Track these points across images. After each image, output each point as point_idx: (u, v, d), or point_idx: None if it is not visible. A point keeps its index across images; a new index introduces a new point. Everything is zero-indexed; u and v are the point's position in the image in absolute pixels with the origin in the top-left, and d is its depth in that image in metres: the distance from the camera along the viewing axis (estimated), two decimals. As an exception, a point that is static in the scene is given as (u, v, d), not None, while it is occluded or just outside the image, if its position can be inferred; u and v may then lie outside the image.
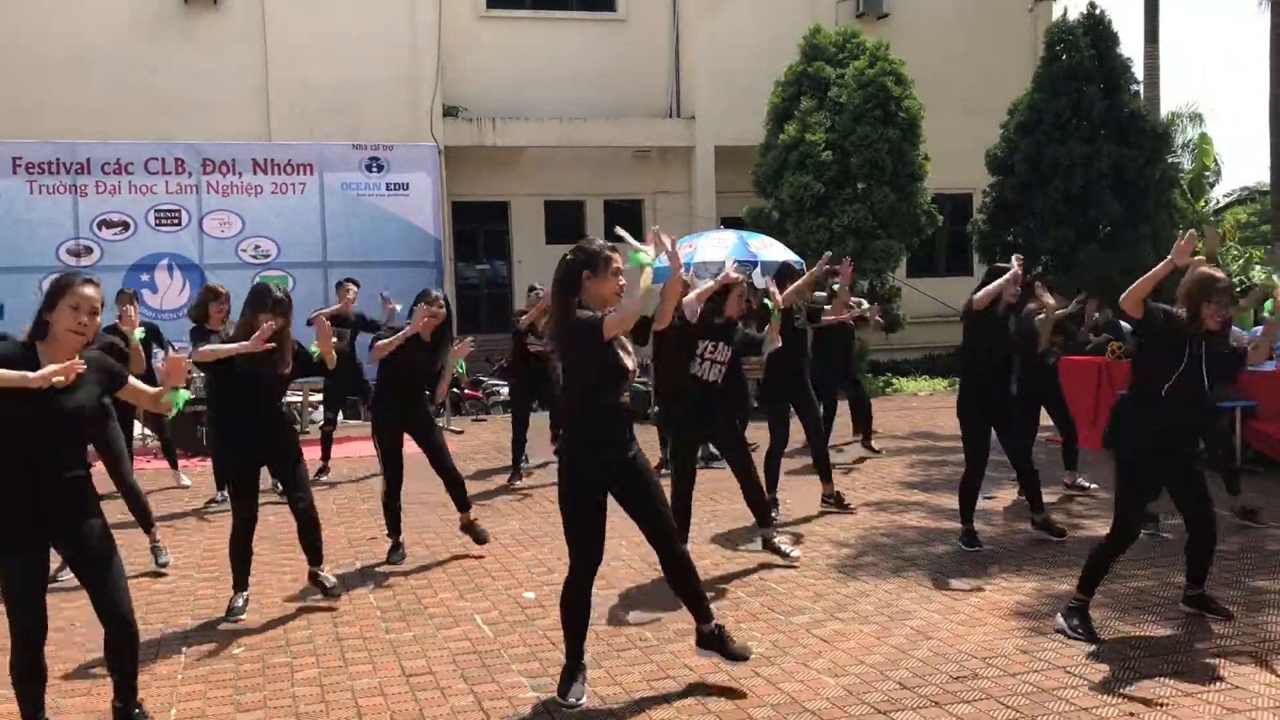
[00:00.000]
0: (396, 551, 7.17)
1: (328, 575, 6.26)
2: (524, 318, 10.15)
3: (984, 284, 6.96)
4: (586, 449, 4.59)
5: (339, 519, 8.51)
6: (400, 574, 6.83)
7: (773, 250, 14.71)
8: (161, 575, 6.91)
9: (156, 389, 4.40)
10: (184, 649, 5.46)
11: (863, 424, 11.11)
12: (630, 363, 4.61)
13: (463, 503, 7.29)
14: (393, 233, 14.07)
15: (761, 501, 6.82)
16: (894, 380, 17.69)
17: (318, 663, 5.21)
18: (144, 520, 7.05)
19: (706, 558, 6.87)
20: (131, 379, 4.36)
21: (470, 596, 6.29)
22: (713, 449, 9.50)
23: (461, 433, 13.20)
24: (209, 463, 10.16)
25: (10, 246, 13.15)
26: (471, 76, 20.40)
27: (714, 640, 4.80)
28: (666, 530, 4.80)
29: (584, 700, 4.56)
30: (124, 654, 4.17)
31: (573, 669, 4.64)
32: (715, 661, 4.85)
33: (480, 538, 7.31)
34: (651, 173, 22.01)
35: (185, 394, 4.38)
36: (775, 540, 6.82)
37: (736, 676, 4.81)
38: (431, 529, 8.06)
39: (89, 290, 4.08)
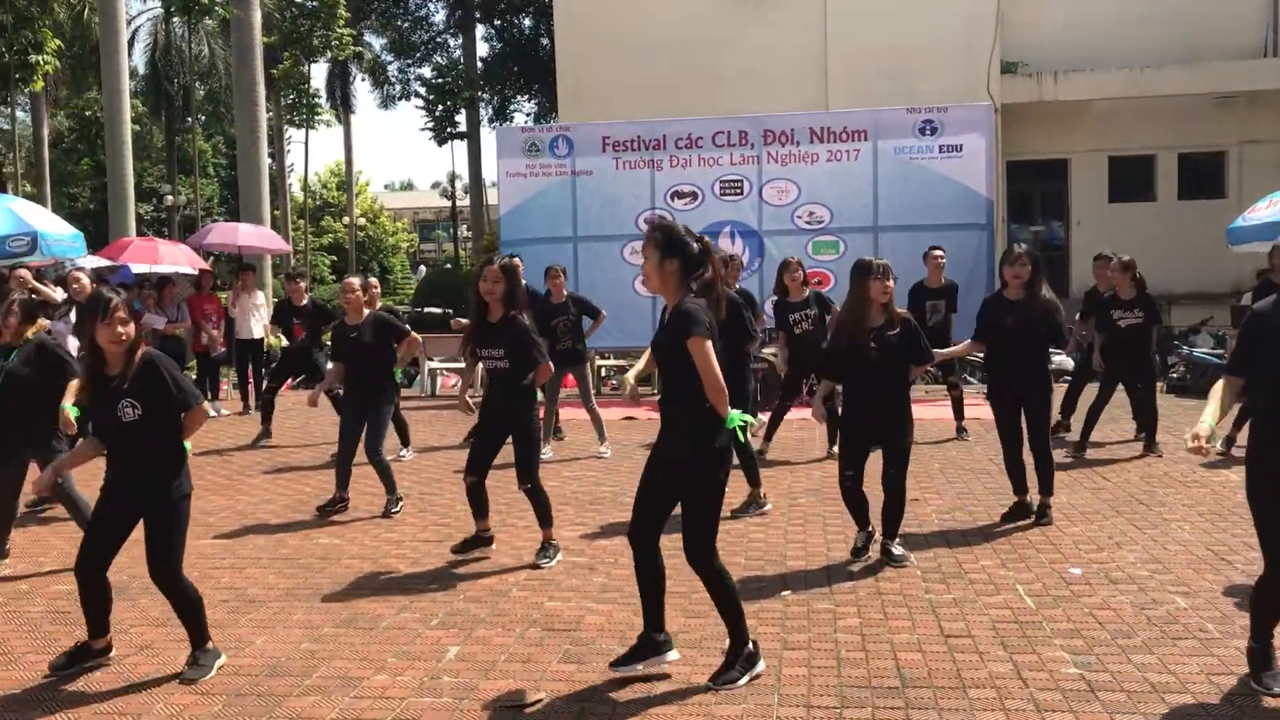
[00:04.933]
0: (1045, 515, 7.11)
1: (896, 547, 6.32)
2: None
3: None
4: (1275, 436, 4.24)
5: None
6: (940, 538, 6.86)
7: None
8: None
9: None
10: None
11: None
12: None
13: (1048, 486, 7.14)
14: (944, 195, 13.91)
15: None
16: None
17: (859, 613, 5.41)
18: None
19: None
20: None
21: (1012, 566, 6.17)
22: None
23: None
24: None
25: (598, 218, 14.78)
26: (1031, 29, 19.62)
27: None
28: None
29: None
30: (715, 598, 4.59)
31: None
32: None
33: (1046, 520, 7.09)
34: (1237, 121, 19.85)
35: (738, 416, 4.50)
36: None
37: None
38: (973, 494, 7.99)
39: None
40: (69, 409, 6.05)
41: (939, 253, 10.62)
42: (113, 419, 4.61)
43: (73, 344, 8.03)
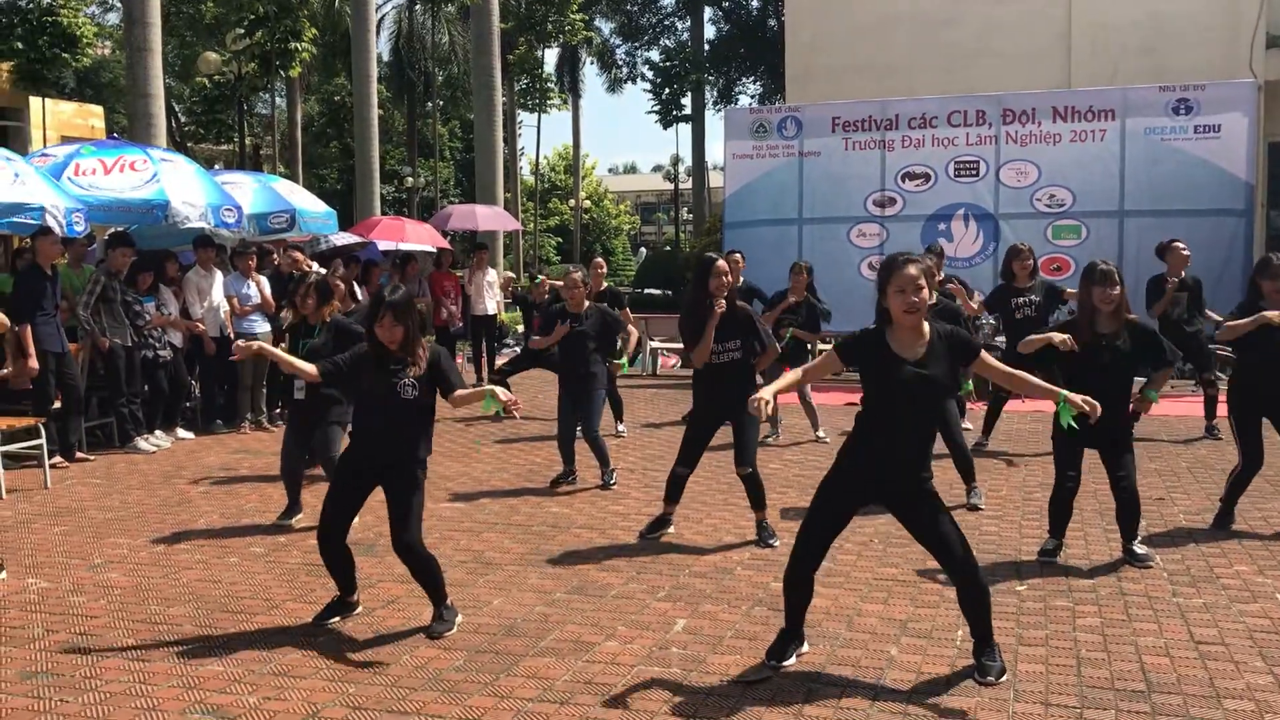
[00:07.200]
0: (1226, 518, 6.74)
1: (1139, 547, 6.04)
2: None
3: None
4: None
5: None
6: (1188, 540, 6.48)
7: None
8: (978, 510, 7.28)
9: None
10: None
11: None
12: None
13: None
14: (1197, 179, 13.06)
15: None
16: None
17: (1100, 613, 5.18)
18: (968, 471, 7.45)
19: None
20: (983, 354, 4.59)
21: (1271, 573, 5.77)
22: None
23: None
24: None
25: (825, 199, 14.62)
26: (1301, 0, 18.09)
27: None
28: None
29: None
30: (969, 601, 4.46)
31: None
32: None
33: None
34: None
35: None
36: None
37: None
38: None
39: (911, 270, 4.29)
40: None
41: (1181, 244, 9.89)
42: (392, 393, 4.96)
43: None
